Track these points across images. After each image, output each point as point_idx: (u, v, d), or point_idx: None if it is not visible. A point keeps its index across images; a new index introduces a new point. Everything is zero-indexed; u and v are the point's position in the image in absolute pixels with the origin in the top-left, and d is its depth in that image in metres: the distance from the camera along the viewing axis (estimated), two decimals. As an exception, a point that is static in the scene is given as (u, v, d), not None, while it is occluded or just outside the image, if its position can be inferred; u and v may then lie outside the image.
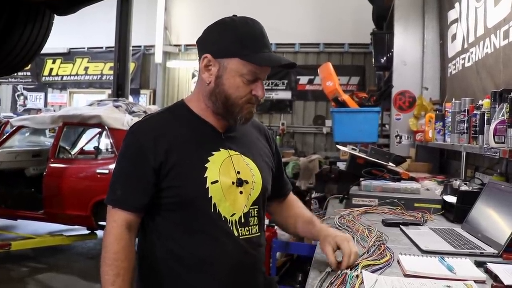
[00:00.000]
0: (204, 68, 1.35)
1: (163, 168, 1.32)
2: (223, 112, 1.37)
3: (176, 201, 1.34)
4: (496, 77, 2.93)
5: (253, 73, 1.32)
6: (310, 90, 10.42)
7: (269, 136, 1.61)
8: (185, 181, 1.32)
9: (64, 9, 4.63)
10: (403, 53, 5.11)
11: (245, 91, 1.33)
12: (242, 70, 1.31)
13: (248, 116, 1.39)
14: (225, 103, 1.35)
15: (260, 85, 1.35)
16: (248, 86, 1.33)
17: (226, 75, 1.33)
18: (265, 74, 1.36)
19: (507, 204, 1.62)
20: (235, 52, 1.31)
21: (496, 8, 2.94)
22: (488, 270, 1.26)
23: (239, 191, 1.38)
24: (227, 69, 1.32)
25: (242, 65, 1.31)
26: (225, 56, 1.32)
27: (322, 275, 1.22)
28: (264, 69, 1.34)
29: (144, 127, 1.39)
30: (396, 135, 5.09)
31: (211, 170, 1.34)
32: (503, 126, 2.10)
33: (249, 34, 1.32)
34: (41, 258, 5.05)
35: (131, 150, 1.36)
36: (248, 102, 1.36)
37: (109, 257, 1.30)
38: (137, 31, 8.11)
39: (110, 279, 1.28)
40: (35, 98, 12.39)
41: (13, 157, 5.43)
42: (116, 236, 1.32)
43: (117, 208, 1.34)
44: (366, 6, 7.39)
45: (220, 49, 1.33)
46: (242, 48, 1.30)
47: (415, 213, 2.11)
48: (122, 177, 1.37)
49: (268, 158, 1.53)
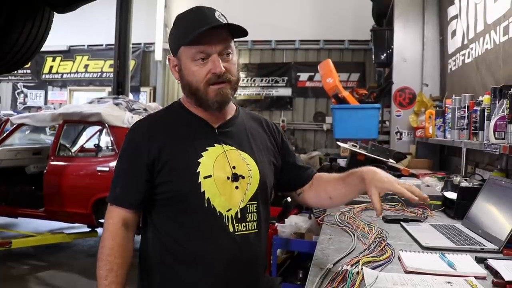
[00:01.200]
0: (172, 68, 1.43)
1: (156, 164, 1.35)
2: (196, 102, 1.40)
3: (169, 196, 1.36)
4: (496, 73, 2.93)
5: (199, 52, 1.33)
6: (311, 87, 10.41)
7: (273, 129, 1.59)
8: (177, 176, 1.35)
9: (64, 7, 4.61)
10: (403, 49, 5.10)
11: (202, 74, 1.34)
12: (189, 54, 1.34)
13: (219, 98, 1.36)
14: (192, 92, 1.38)
15: (213, 60, 1.33)
16: (204, 67, 1.34)
17: (183, 65, 1.38)
18: (215, 48, 1.33)
19: (508, 200, 1.62)
20: (179, 42, 1.36)
21: (496, 4, 2.93)
22: (489, 266, 1.26)
23: (235, 186, 1.38)
24: (182, 60, 1.38)
25: (187, 50, 1.35)
26: (177, 50, 1.38)
27: (323, 272, 1.22)
28: (210, 42, 1.32)
29: (141, 126, 1.44)
30: (396, 132, 5.09)
31: (205, 165, 1.35)
32: (503, 122, 2.10)
33: (187, 20, 1.37)
34: (41, 256, 5.05)
35: (128, 149, 1.41)
36: (209, 83, 1.34)
37: (104, 253, 1.35)
38: (137, 29, 8.09)
39: (103, 274, 1.34)
40: (35, 96, 12.36)
41: (13, 155, 5.43)
42: (111, 232, 1.36)
43: (114, 205, 1.39)
44: (366, 3, 7.39)
45: (173, 46, 1.41)
46: (183, 36, 1.33)
47: (416, 210, 2.11)
48: (120, 175, 1.42)
49: (270, 151, 1.52)
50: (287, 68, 10.56)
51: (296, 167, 1.60)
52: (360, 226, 1.74)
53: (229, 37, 1.37)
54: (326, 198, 1.54)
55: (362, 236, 1.60)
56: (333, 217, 1.93)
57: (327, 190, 1.53)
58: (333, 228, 1.79)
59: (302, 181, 1.59)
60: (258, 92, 10.63)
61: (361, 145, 3.11)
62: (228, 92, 1.37)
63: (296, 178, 1.59)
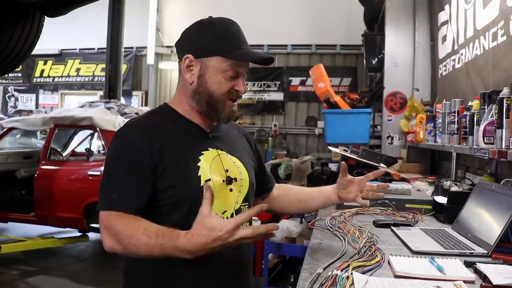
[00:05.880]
0: (186, 68, 1.39)
1: (158, 168, 1.31)
2: (207, 110, 1.40)
3: (173, 202, 1.32)
4: (486, 78, 2.96)
5: (233, 69, 1.37)
6: (302, 91, 10.44)
7: (248, 136, 1.68)
8: (180, 181, 1.32)
9: (55, 11, 4.60)
10: (395, 54, 5.14)
11: (227, 87, 1.37)
12: (224, 67, 1.35)
13: (231, 115, 1.43)
14: (209, 101, 1.38)
15: (241, 80, 1.40)
16: (229, 82, 1.37)
17: (209, 73, 1.36)
18: (245, 70, 1.41)
19: (497, 204, 1.64)
20: (216, 50, 1.35)
21: (485, 10, 2.97)
22: (478, 270, 1.27)
23: (229, 188, 1.41)
24: (209, 67, 1.36)
25: (223, 62, 1.35)
26: (206, 55, 1.36)
27: (313, 277, 1.22)
28: (243, 65, 1.39)
29: (132, 129, 1.37)
30: (388, 136, 5.12)
31: (204, 169, 1.36)
32: (492, 127, 2.12)
33: (228, 32, 1.38)
34: (32, 261, 5.02)
35: (122, 152, 1.33)
36: (230, 98, 1.39)
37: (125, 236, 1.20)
38: (129, 32, 8.07)
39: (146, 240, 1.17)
40: (26, 99, 12.30)
41: (4, 159, 5.39)
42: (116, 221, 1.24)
43: (111, 211, 1.26)
44: (357, 8, 7.44)
45: (200, 49, 1.37)
46: (221, 46, 1.35)
47: (406, 214, 2.12)
48: (116, 179, 1.32)
49: (250, 156, 1.59)
50: (279, 72, 10.58)
51: (264, 174, 1.70)
52: (351, 230, 1.75)
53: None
54: (295, 200, 1.71)
55: (352, 241, 1.60)
56: (324, 222, 1.94)
57: (297, 193, 1.73)
58: (324, 232, 1.79)
59: (267, 188, 1.71)
60: (250, 97, 10.63)
61: (352, 150, 3.13)
62: (236, 110, 1.46)
63: (263, 184, 1.67)
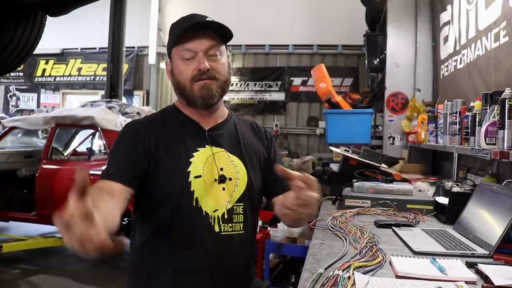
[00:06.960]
0: (168, 73, 1.49)
1: (151, 158, 1.36)
2: (185, 102, 1.45)
3: (159, 194, 1.36)
4: (488, 79, 2.95)
5: (186, 51, 1.39)
6: (304, 91, 10.44)
7: (263, 134, 1.61)
8: (169, 175, 1.36)
9: (56, 10, 4.60)
10: (396, 54, 5.13)
11: (189, 71, 1.39)
12: (178, 54, 1.41)
13: (204, 93, 1.39)
14: (181, 91, 1.43)
15: (198, 57, 1.38)
16: (190, 65, 1.39)
17: (174, 66, 1.44)
18: (201, 46, 1.38)
19: (498, 205, 1.63)
20: (171, 44, 1.43)
21: (487, 11, 2.96)
22: (479, 271, 1.27)
23: (222, 187, 1.41)
24: (173, 62, 1.44)
25: (177, 51, 1.41)
26: (170, 54, 1.46)
27: (314, 277, 1.22)
28: (196, 42, 1.38)
29: (138, 123, 1.48)
30: (389, 137, 5.11)
31: (195, 165, 1.38)
32: (494, 128, 2.12)
33: (177, 23, 1.43)
34: (33, 260, 5.02)
35: (125, 138, 1.41)
36: (195, 79, 1.39)
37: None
38: (131, 32, 8.08)
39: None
40: (27, 99, 12.32)
41: (5, 158, 5.39)
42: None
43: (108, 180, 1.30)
44: (359, 8, 7.43)
45: (168, 51, 1.47)
46: (172, 37, 1.41)
47: (408, 214, 2.11)
48: (116, 158, 1.39)
49: (259, 155, 1.54)
50: (280, 72, 10.59)
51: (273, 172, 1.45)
52: (352, 230, 1.74)
53: (218, 39, 1.42)
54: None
55: (354, 241, 1.60)
56: (325, 222, 1.94)
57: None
58: (325, 232, 1.79)
59: (281, 188, 1.49)
60: (252, 97, 10.64)
61: (354, 150, 3.12)
62: (213, 88, 1.40)
63: (276, 184, 1.52)
